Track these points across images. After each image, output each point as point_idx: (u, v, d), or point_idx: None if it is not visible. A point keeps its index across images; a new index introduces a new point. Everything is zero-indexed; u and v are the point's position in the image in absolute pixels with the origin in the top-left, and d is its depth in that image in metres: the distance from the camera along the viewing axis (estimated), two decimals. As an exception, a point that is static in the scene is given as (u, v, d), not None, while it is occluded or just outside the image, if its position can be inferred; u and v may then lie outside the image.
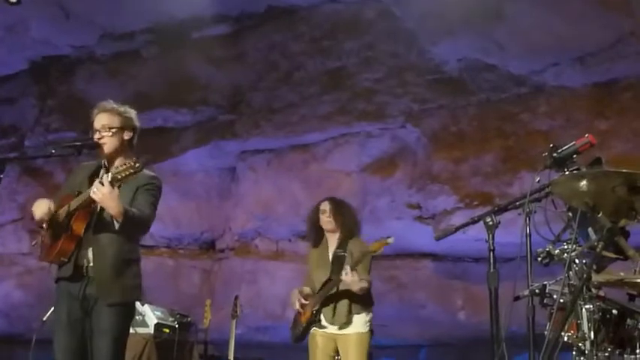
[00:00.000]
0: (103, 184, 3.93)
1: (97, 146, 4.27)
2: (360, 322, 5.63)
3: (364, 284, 5.55)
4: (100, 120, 4.30)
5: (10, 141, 11.66)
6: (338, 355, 5.73)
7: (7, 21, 10.11)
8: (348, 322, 5.60)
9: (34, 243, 4.42)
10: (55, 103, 11.46)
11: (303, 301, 5.78)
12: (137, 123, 4.42)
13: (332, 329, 5.66)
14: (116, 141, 4.29)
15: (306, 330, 5.78)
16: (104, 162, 4.33)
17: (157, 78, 10.69)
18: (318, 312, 5.69)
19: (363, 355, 5.58)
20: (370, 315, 5.70)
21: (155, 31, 10.40)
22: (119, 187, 4.09)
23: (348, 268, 5.44)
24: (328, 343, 5.70)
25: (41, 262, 4.39)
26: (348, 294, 5.59)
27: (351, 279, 5.43)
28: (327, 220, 5.84)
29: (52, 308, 4.46)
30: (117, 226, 4.08)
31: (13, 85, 11.58)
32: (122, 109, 4.39)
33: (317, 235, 5.97)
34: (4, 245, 11.13)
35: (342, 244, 5.79)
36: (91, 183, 4.12)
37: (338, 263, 5.66)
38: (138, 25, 10.38)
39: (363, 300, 5.65)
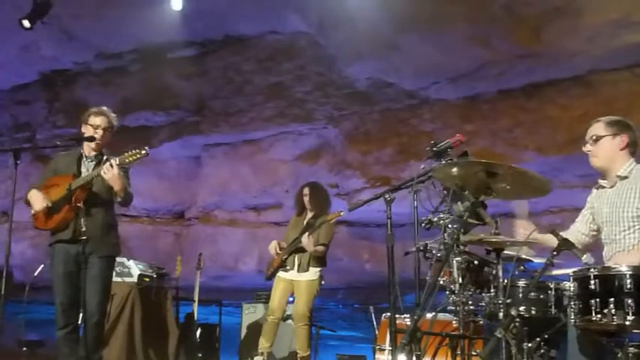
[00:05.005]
0: (112, 167, 3.94)
1: (92, 139, 4.18)
2: (313, 273, 5.64)
3: (319, 248, 5.61)
4: (96, 121, 4.24)
5: (24, 134, 11.45)
6: (292, 296, 5.74)
7: (22, 42, 9.79)
8: (305, 271, 5.62)
9: (32, 214, 4.32)
10: (60, 105, 11.15)
11: (279, 250, 5.79)
12: (116, 123, 4.37)
13: (292, 274, 5.67)
14: (108, 137, 4.27)
15: (276, 271, 5.79)
16: (82, 151, 4.26)
17: (139, 88, 10.45)
18: (286, 260, 5.71)
19: (310, 296, 5.60)
20: (321, 270, 5.70)
21: (139, 51, 10.16)
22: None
23: (306, 234, 5.52)
24: (287, 286, 5.70)
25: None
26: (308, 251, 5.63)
27: (306, 241, 5.52)
28: (306, 201, 5.85)
29: (42, 266, 4.41)
30: (119, 199, 4.10)
31: (27, 92, 11.30)
32: (111, 113, 4.33)
33: (300, 208, 5.95)
34: (20, 215, 10.71)
35: (315, 217, 5.79)
36: (78, 168, 4.16)
37: (307, 229, 5.67)
38: (125, 47, 10.13)
39: (318, 258, 5.68)
